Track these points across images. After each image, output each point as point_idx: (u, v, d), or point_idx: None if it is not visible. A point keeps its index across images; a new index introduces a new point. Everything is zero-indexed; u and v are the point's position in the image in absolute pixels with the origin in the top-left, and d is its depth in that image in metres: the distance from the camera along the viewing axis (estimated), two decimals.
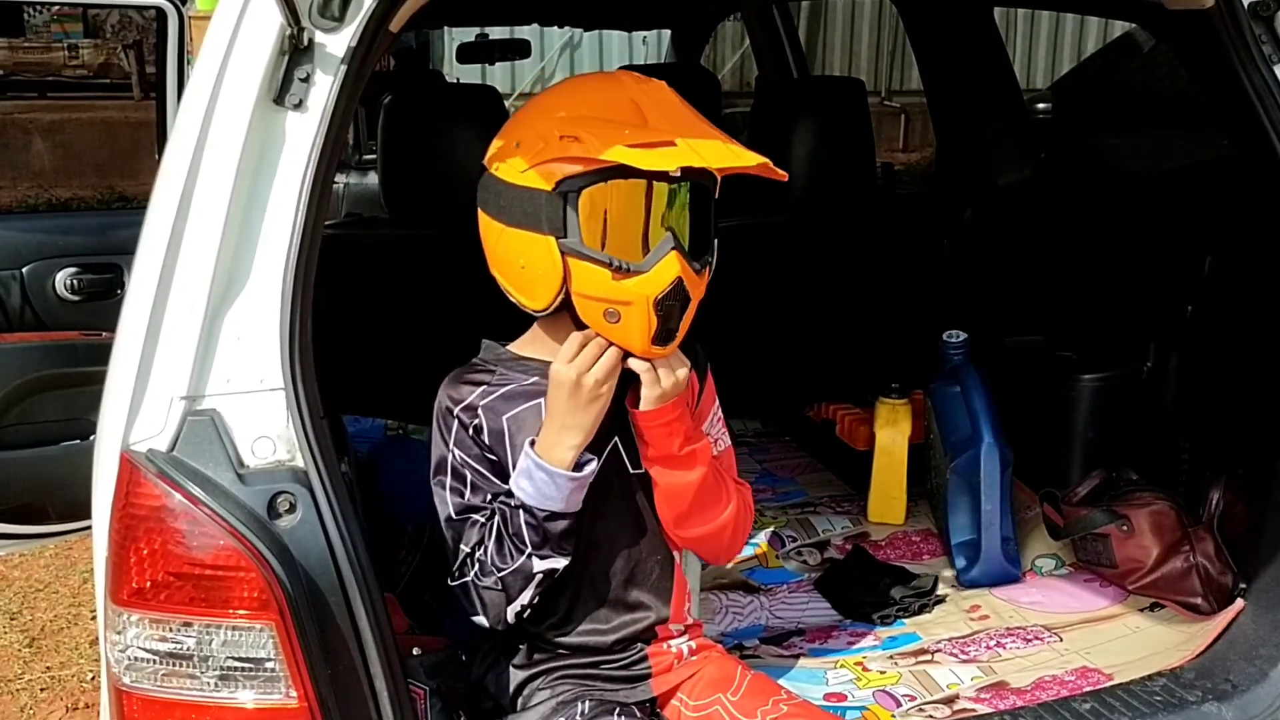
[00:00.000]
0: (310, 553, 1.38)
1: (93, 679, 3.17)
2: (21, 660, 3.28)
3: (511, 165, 1.49)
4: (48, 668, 3.25)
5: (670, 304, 1.45)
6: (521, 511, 1.50)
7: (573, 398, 1.48)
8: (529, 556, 1.52)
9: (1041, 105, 5.59)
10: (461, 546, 1.58)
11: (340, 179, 4.42)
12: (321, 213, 1.47)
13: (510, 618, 1.58)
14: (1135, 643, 2.12)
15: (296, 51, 1.43)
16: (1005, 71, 3.05)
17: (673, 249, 1.44)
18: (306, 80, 1.43)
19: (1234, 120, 1.95)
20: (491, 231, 1.54)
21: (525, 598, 1.55)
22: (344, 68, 1.45)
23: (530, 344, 1.64)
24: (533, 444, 1.52)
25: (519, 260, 1.51)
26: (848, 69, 10.89)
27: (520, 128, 1.52)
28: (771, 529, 2.59)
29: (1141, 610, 2.22)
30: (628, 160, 1.37)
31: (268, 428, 1.40)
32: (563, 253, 1.45)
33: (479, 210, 1.56)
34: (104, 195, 7.96)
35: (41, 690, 3.14)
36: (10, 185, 8.76)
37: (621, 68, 3.86)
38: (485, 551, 1.54)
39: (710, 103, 3.74)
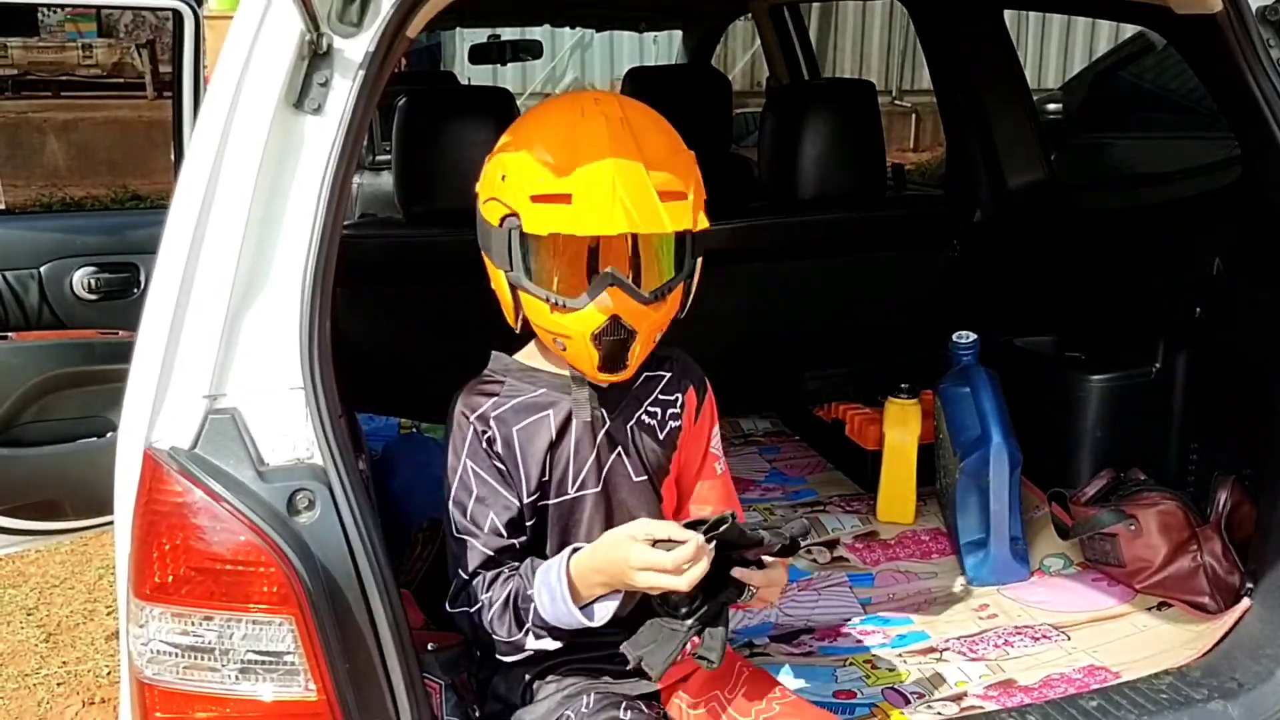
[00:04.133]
0: (329, 548, 1.40)
1: (109, 674, 3.20)
2: (38, 655, 3.31)
3: (481, 191, 1.56)
4: (64, 663, 3.28)
5: (610, 339, 1.50)
6: (532, 603, 1.53)
7: (628, 579, 1.46)
8: (525, 633, 1.55)
9: (1052, 106, 5.60)
10: (460, 573, 1.59)
11: (354, 180, 4.44)
12: (340, 215, 1.49)
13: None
14: (1142, 641, 2.13)
15: (315, 57, 1.44)
16: (1015, 73, 3.06)
17: (610, 286, 1.47)
18: (325, 85, 1.45)
19: (1242, 124, 1.96)
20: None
21: (511, 659, 1.59)
22: (362, 73, 1.47)
23: (534, 354, 1.68)
24: (572, 553, 1.53)
25: (491, 279, 1.60)
26: (858, 69, 10.89)
27: (495, 153, 1.56)
28: None
29: (1149, 609, 2.23)
30: (522, 213, 1.45)
31: (288, 426, 1.42)
32: (510, 285, 1.53)
33: None
34: (117, 194, 8.01)
35: (58, 685, 3.17)
36: (25, 184, 8.81)
37: (632, 69, 3.90)
38: (489, 604, 1.56)
39: (721, 102, 3.76)
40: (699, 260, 1.55)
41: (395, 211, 2.69)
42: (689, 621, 1.48)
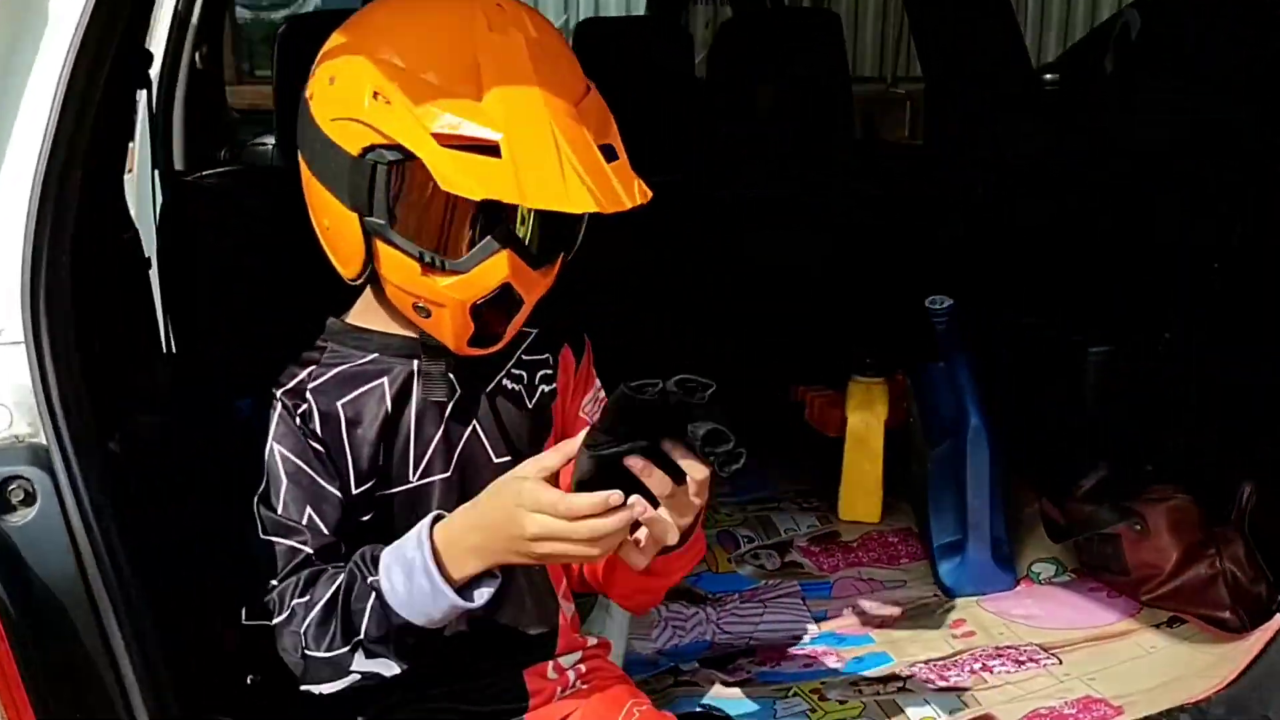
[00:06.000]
0: (48, 557, 1.07)
1: None
2: None
3: (321, 105, 1.21)
4: None
5: (493, 310, 1.23)
6: (374, 594, 1.16)
7: (519, 549, 1.12)
8: (354, 648, 1.17)
9: (1049, 76, 5.32)
10: (271, 581, 1.22)
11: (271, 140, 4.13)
12: (87, 116, 1.15)
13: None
14: (1150, 666, 1.85)
15: None
16: (1014, 40, 2.84)
17: (503, 249, 1.19)
18: None
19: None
20: (303, 173, 1.26)
21: (327, 689, 1.20)
22: None
23: (365, 311, 1.33)
24: (435, 521, 1.16)
25: (324, 219, 1.25)
26: (852, 55, 10.63)
27: (339, 57, 1.21)
28: (724, 527, 2.28)
29: (1158, 626, 1.96)
30: (426, 158, 1.11)
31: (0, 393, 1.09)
32: (366, 231, 1.20)
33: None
34: None
35: None
36: None
37: (584, 21, 3.56)
38: (305, 609, 1.19)
39: (684, 62, 3.45)
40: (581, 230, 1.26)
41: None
42: None
